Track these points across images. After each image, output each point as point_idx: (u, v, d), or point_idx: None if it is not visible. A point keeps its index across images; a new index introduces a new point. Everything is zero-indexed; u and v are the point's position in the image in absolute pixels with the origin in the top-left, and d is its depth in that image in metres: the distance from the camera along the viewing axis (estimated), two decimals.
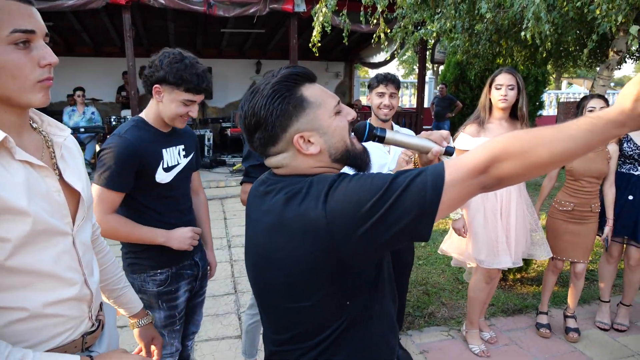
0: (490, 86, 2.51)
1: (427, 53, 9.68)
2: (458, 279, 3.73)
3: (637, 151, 2.83)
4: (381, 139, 1.08)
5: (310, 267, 0.90)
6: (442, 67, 12.25)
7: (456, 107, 9.06)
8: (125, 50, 6.88)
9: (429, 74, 15.10)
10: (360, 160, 1.03)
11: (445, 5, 4.13)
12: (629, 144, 2.86)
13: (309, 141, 0.96)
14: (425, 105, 12.18)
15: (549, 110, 14.96)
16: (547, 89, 12.67)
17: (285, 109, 0.94)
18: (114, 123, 7.89)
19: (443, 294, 3.50)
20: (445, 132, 1.09)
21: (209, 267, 2.09)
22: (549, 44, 3.97)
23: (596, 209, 2.80)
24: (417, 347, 2.81)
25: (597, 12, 3.21)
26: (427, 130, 1.37)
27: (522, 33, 3.44)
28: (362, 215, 0.83)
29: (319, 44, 4.81)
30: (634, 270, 2.97)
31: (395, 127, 2.56)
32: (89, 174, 1.47)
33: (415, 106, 9.45)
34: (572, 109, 10.40)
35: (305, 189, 0.91)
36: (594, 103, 2.72)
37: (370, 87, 2.40)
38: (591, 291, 3.51)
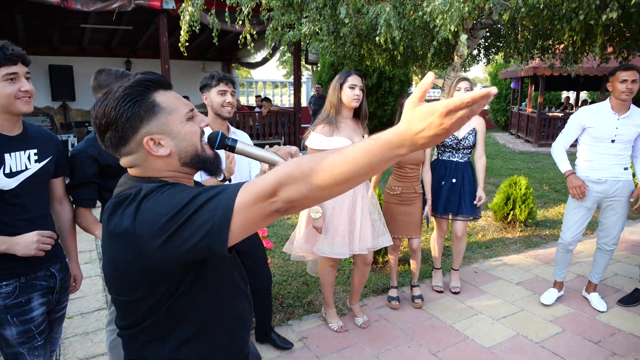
0: (341, 86, 2.68)
1: (302, 54, 9.99)
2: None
3: (455, 141, 3.31)
4: (232, 149, 1.15)
5: (127, 268, 0.97)
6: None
7: None
8: None
9: (306, 74, 15.61)
10: (211, 165, 1.10)
11: (309, 10, 4.35)
12: None
13: (159, 144, 1.01)
14: (304, 104, 12.57)
15: None
16: (411, 88, 13.94)
17: (136, 112, 0.99)
18: None
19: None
20: (293, 149, 1.19)
21: (72, 281, 1.96)
22: (402, 47, 4.43)
23: (419, 190, 3.22)
24: (297, 334, 2.96)
25: (437, 21, 3.68)
26: (305, 129, 1.47)
27: (377, 38, 3.79)
28: (160, 227, 0.89)
29: (187, 44, 4.70)
30: (459, 240, 3.52)
31: (232, 129, 2.60)
32: None
33: (293, 105, 9.70)
34: None
35: (133, 194, 0.97)
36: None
37: (208, 86, 2.42)
38: (447, 264, 4.03)
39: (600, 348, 2.81)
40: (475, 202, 3.32)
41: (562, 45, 5.85)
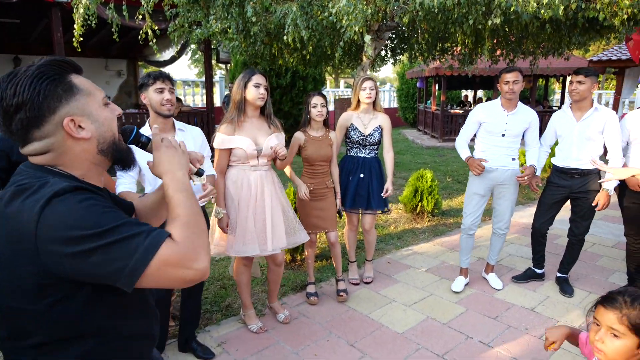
0: (246, 85, 2.67)
1: (213, 53, 9.74)
2: None
3: (361, 137, 3.45)
4: (144, 145, 1.14)
5: (14, 267, 0.89)
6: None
7: None
8: None
9: (219, 73, 15.24)
10: (125, 157, 1.07)
11: (215, 7, 4.25)
12: (355, 132, 3.45)
13: (79, 126, 0.96)
14: (217, 104, 12.26)
15: (329, 105, 16.78)
16: (325, 87, 14.22)
17: (54, 91, 0.93)
18: None
19: None
20: (200, 155, 1.22)
21: None
22: (311, 47, 4.50)
23: (330, 184, 3.32)
24: (215, 340, 2.88)
25: (343, 22, 3.78)
26: None
27: (285, 37, 3.81)
28: (69, 239, 0.84)
29: (82, 39, 4.35)
30: (368, 233, 3.70)
31: (182, 125, 2.58)
32: None
33: (205, 105, 9.41)
34: (346, 105, 12.01)
35: (36, 186, 0.89)
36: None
37: (145, 86, 2.40)
38: (363, 257, 4.17)
39: (498, 322, 3.10)
40: (382, 194, 3.47)
41: (459, 48, 6.33)
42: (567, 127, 3.35)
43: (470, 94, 18.32)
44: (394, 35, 6.83)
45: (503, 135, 3.33)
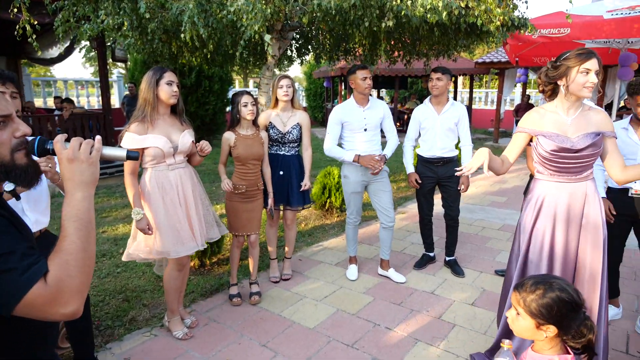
0: (157, 82, 2.60)
1: (108, 50, 9.07)
2: (159, 277, 3.75)
3: (280, 135, 3.49)
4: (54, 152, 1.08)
5: None
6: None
7: None
8: None
9: (117, 72, 14.26)
10: (17, 175, 1.00)
11: (104, 1, 3.96)
12: (273, 130, 3.48)
13: None
14: (116, 105, 11.47)
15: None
16: (232, 87, 13.96)
17: None
18: None
19: (144, 295, 3.46)
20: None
21: None
22: (212, 46, 4.38)
23: (261, 186, 3.33)
24: (118, 357, 2.70)
25: (244, 21, 3.74)
26: (118, 131, 1.44)
27: (182, 35, 3.67)
28: None
29: None
30: (289, 229, 3.76)
31: None
32: None
33: (102, 107, 8.74)
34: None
35: None
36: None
37: None
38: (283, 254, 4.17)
39: (402, 307, 3.29)
40: (301, 189, 3.54)
41: (361, 49, 6.59)
42: (430, 120, 3.69)
43: (374, 92, 19.18)
44: (298, 36, 6.90)
45: (365, 130, 3.56)
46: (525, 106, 11.30)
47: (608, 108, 9.15)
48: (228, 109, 11.63)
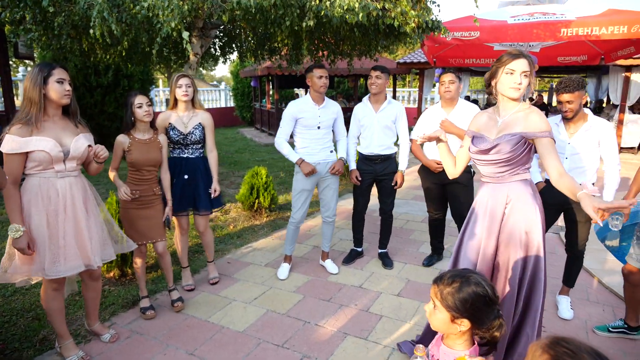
0: (45, 80, 2.33)
1: (10, 46, 8.25)
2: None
3: (182, 136, 3.32)
4: None
5: None
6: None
7: None
8: None
9: (22, 70, 13.04)
10: None
11: None
12: (174, 132, 3.31)
13: None
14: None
15: (161, 107, 15.91)
16: (154, 86, 13.35)
17: None
18: None
19: None
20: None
21: None
22: (126, 43, 4.15)
23: (158, 191, 3.13)
24: None
25: (160, 17, 3.58)
26: None
27: (91, 31, 3.44)
28: None
29: None
30: (204, 235, 3.63)
31: None
32: None
33: (4, 108, 7.94)
34: None
35: None
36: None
37: None
38: (202, 260, 4.04)
39: (332, 303, 3.34)
40: (212, 196, 3.43)
41: (285, 48, 6.59)
42: (369, 117, 3.80)
43: (302, 92, 19.30)
44: (222, 34, 6.75)
45: (319, 127, 3.60)
46: None
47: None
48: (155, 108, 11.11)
